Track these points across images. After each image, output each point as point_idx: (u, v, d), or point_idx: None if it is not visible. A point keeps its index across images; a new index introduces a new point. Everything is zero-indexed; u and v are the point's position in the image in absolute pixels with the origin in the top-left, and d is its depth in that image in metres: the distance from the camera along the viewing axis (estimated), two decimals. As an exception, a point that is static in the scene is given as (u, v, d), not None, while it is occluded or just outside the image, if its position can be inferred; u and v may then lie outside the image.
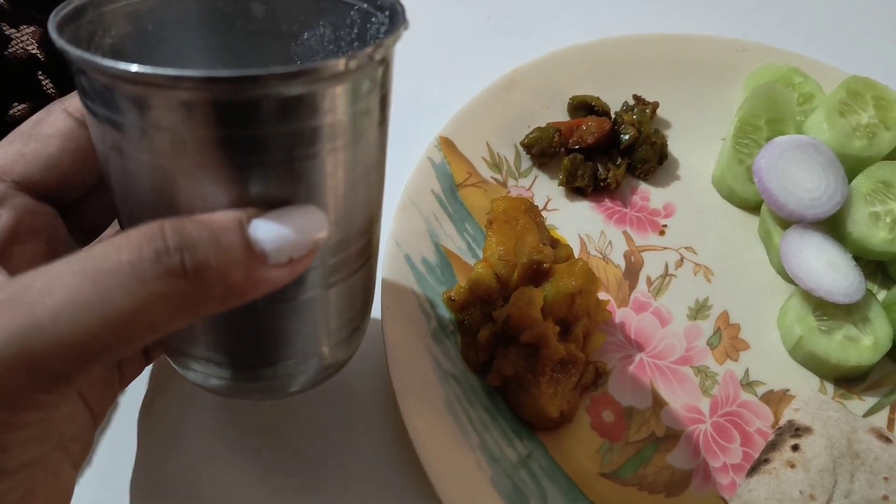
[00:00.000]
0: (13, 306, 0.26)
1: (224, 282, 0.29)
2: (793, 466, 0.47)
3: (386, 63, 0.34)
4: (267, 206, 0.30)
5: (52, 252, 0.36)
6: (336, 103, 0.30)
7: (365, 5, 0.39)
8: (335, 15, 0.41)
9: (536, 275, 0.52)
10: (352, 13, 0.40)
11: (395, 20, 0.36)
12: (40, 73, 0.54)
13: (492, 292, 0.52)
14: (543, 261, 0.52)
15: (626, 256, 0.59)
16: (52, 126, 0.35)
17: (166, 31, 0.39)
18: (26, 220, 0.35)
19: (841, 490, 0.47)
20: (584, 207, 0.61)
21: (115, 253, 0.27)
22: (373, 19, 0.40)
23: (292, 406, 0.51)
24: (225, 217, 0.29)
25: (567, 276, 0.51)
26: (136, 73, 0.27)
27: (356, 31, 0.40)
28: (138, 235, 0.28)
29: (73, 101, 0.37)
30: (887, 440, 0.49)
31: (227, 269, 0.28)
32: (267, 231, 0.29)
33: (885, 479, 0.47)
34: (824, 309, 0.56)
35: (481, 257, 0.54)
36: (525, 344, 0.49)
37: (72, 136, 0.35)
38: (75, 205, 0.38)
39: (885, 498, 0.46)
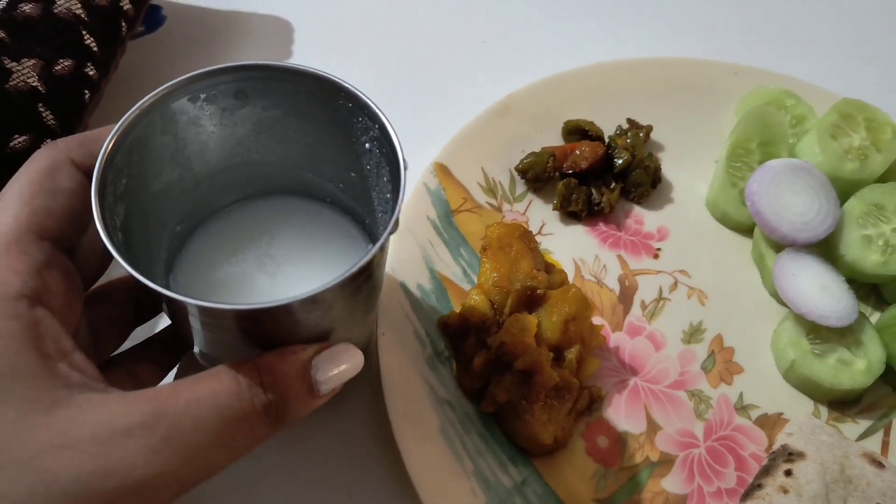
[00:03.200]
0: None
1: (290, 414, 0.37)
2: (786, 492, 0.48)
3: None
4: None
5: (72, 287, 0.39)
6: (338, 294, 0.39)
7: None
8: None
9: (530, 301, 0.53)
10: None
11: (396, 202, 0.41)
12: (41, 104, 0.55)
13: (486, 319, 0.52)
14: (537, 287, 0.53)
15: (621, 280, 0.60)
16: (70, 180, 0.39)
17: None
18: (59, 273, 0.37)
19: None
20: (578, 231, 0.62)
21: (227, 399, 0.35)
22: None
23: (289, 431, 0.52)
24: (296, 364, 0.37)
25: (561, 302, 0.52)
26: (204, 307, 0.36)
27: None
28: (236, 385, 0.35)
29: (77, 150, 0.39)
30: (880, 465, 0.49)
31: (296, 405, 0.37)
32: (324, 374, 0.38)
33: None
34: (817, 332, 0.56)
35: (476, 283, 0.55)
36: (519, 371, 0.50)
37: (84, 190, 0.38)
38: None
39: None
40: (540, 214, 0.62)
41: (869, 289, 0.61)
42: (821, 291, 0.57)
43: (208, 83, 0.44)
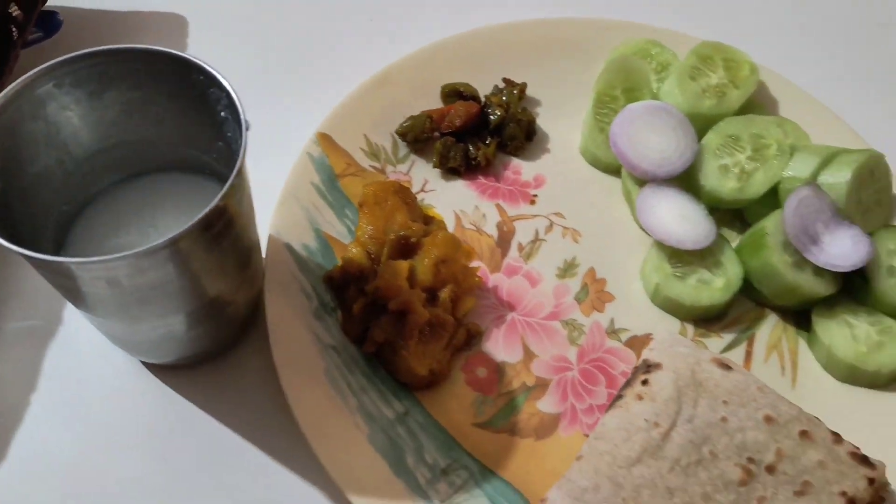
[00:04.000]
0: None
1: None
2: (641, 399, 0.52)
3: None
4: None
5: None
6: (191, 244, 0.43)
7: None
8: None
9: (406, 249, 0.57)
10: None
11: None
12: None
13: (364, 269, 0.57)
14: (410, 236, 0.57)
15: (499, 226, 0.64)
16: None
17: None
18: None
19: (684, 416, 0.51)
20: (459, 186, 0.66)
21: None
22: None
23: (187, 381, 0.56)
24: None
25: (430, 246, 0.56)
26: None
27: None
28: None
29: None
30: (728, 368, 0.53)
31: None
32: None
33: (725, 402, 0.52)
34: (679, 257, 0.61)
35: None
36: (393, 311, 0.54)
37: None
38: None
39: (724, 419, 0.51)
40: (422, 173, 0.66)
41: (733, 214, 0.66)
42: (679, 219, 0.61)
43: (71, 68, 0.48)
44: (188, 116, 0.51)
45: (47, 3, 0.71)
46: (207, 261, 0.46)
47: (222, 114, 0.49)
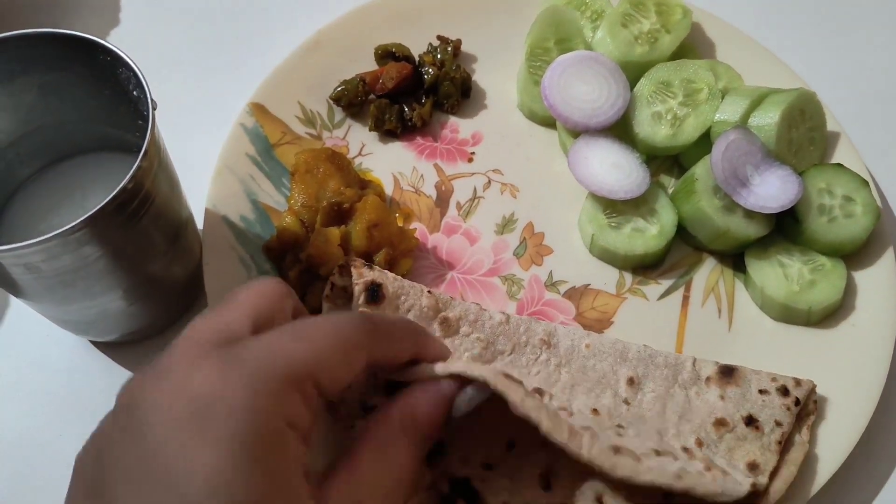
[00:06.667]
0: None
1: None
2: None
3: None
4: None
5: None
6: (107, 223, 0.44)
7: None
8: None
9: (339, 215, 0.58)
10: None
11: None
12: None
13: (298, 237, 0.57)
14: (343, 202, 0.58)
15: (437, 186, 0.64)
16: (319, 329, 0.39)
17: None
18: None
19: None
20: (397, 148, 0.66)
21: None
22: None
23: (133, 356, 0.58)
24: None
25: (361, 211, 0.57)
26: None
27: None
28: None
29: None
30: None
31: None
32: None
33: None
34: (614, 207, 0.61)
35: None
36: (326, 277, 0.55)
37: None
38: None
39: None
40: (359, 137, 0.66)
41: (672, 161, 0.66)
42: (611, 169, 0.61)
43: None
44: (105, 97, 0.51)
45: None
46: (127, 240, 0.47)
47: (135, 93, 0.49)
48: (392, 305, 0.51)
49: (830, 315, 0.58)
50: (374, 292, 0.51)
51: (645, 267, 0.62)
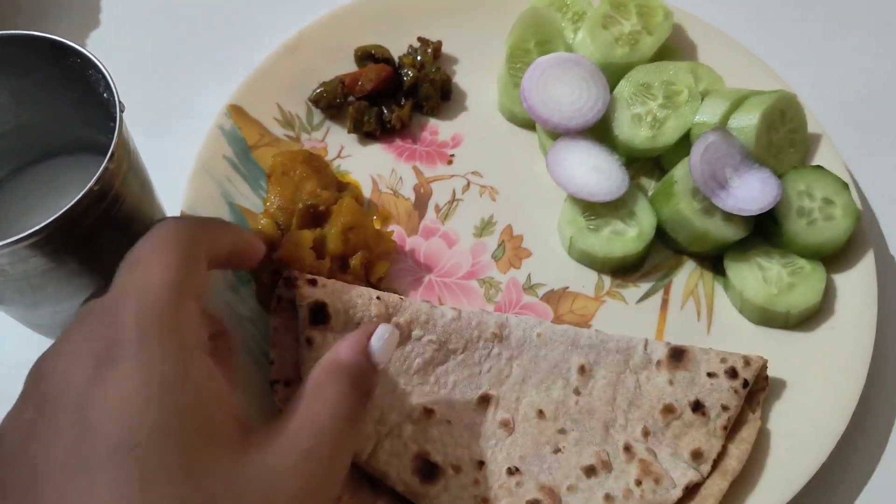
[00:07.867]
0: None
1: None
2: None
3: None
4: None
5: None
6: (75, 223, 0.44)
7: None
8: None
9: (315, 217, 0.58)
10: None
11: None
12: None
13: (274, 240, 0.57)
14: (318, 204, 0.57)
15: (416, 189, 0.64)
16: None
17: None
18: None
19: None
20: (376, 150, 0.66)
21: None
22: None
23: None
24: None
25: (336, 214, 0.56)
26: None
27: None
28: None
29: None
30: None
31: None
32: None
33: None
34: (593, 209, 0.61)
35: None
36: (300, 281, 0.54)
37: None
38: None
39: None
40: (338, 139, 0.66)
41: (653, 163, 0.66)
42: (591, 171, 0.61)
43: None
44: (77, 99, 0.51)
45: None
46: (98, 243, 0.46)
47: (105, 95, 0.48)
48: (339, 321, 0.51)
49: (810, 318, 0.58)
50: (318, 313, 0.51)
51: (624, 270, 0.61)
